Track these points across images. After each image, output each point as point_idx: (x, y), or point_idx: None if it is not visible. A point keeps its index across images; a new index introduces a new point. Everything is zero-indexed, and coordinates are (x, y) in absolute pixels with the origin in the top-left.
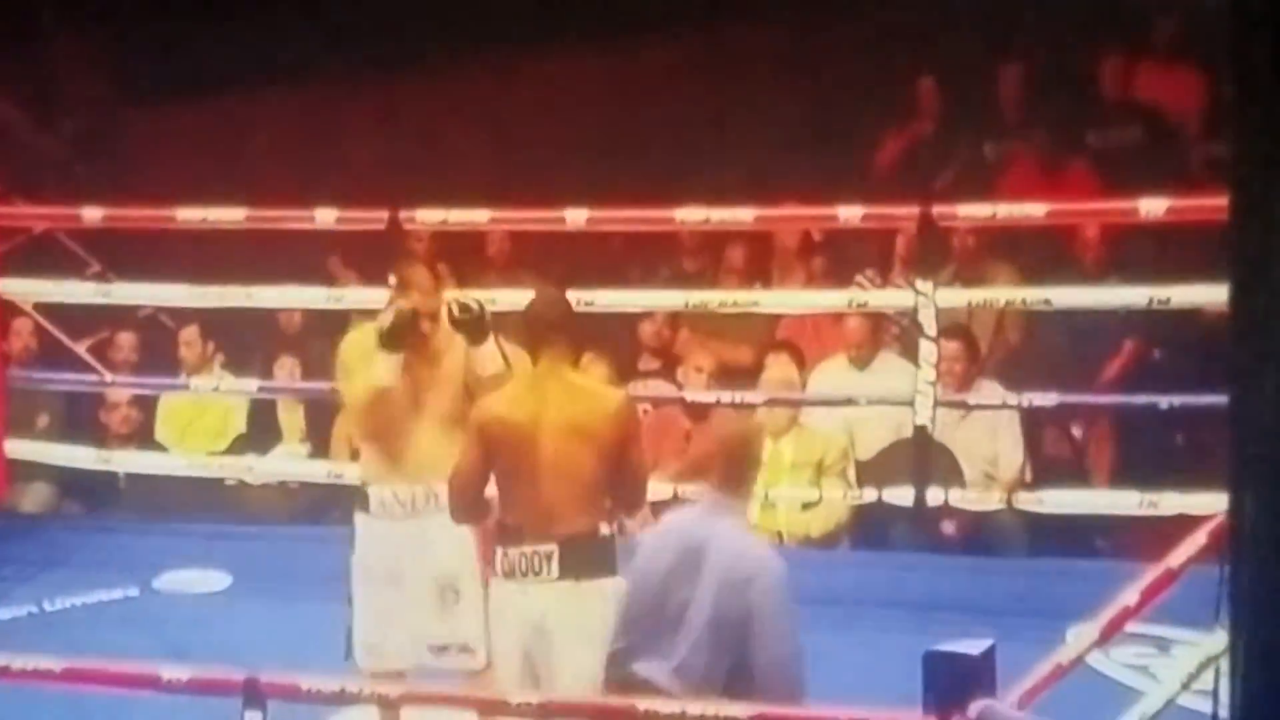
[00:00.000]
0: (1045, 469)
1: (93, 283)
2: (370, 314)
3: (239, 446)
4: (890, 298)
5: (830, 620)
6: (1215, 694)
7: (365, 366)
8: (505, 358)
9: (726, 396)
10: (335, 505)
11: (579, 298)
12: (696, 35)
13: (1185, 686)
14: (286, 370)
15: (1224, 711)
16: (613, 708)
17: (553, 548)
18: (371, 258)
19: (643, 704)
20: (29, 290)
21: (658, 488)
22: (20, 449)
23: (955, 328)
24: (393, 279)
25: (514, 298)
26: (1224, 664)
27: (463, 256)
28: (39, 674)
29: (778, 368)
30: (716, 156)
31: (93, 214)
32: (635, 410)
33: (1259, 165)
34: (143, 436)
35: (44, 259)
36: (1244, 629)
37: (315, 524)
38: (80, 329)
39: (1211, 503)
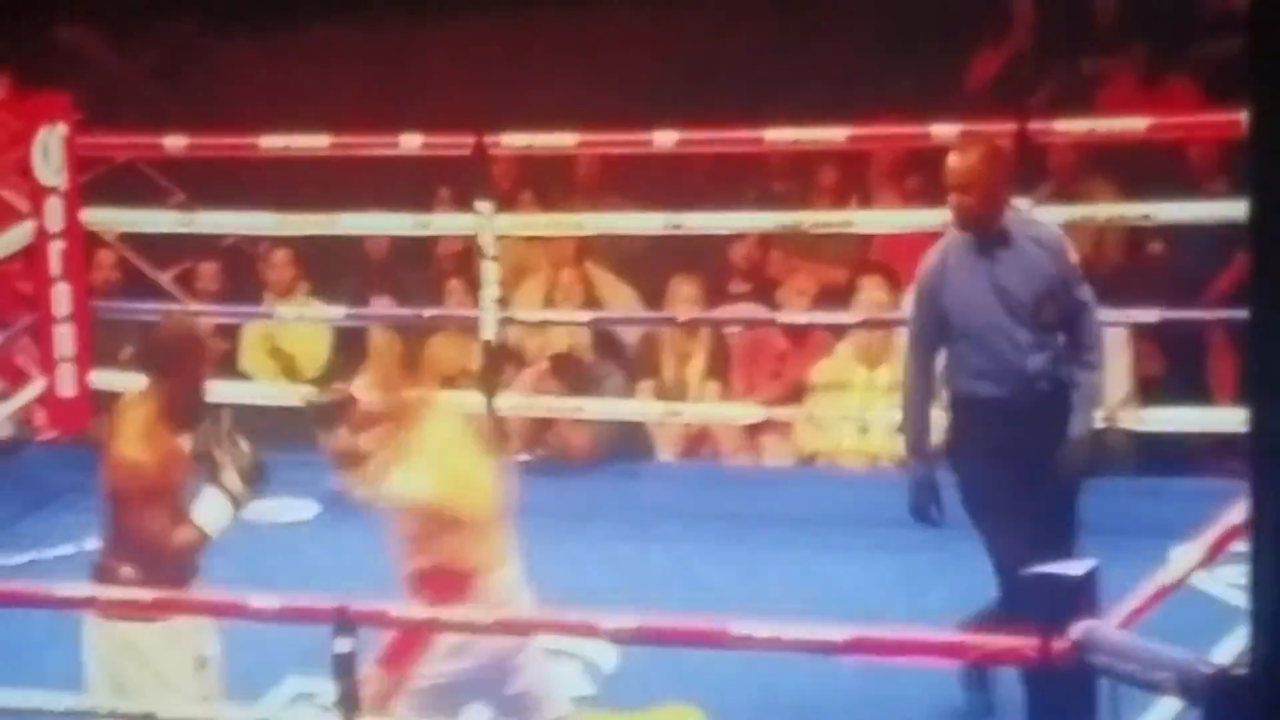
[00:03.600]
0: (1148, 387)
1: (176, 212)
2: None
3: (326, 375)
4: None
5: (929, 541)
6: None
7: None
8: None
9: (821, 318)
10: None
11: (668, 220)
12: None
13: None
14: (379, 302)
15: None
16: (706, 630)
17: None
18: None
19: (736, 628)
20: (112, 220)
21: (748, 411)
22: (105, 380)
23: None
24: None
25: (602, 222)
26: None
27: (549, 181)
28: (129, 605)
29: (872, 289)
30: (806, 76)
31: (175, 142)
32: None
33: None
34: (227, 366)
35: (126, 189)
36: None
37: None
38: (164, 259)
39: None
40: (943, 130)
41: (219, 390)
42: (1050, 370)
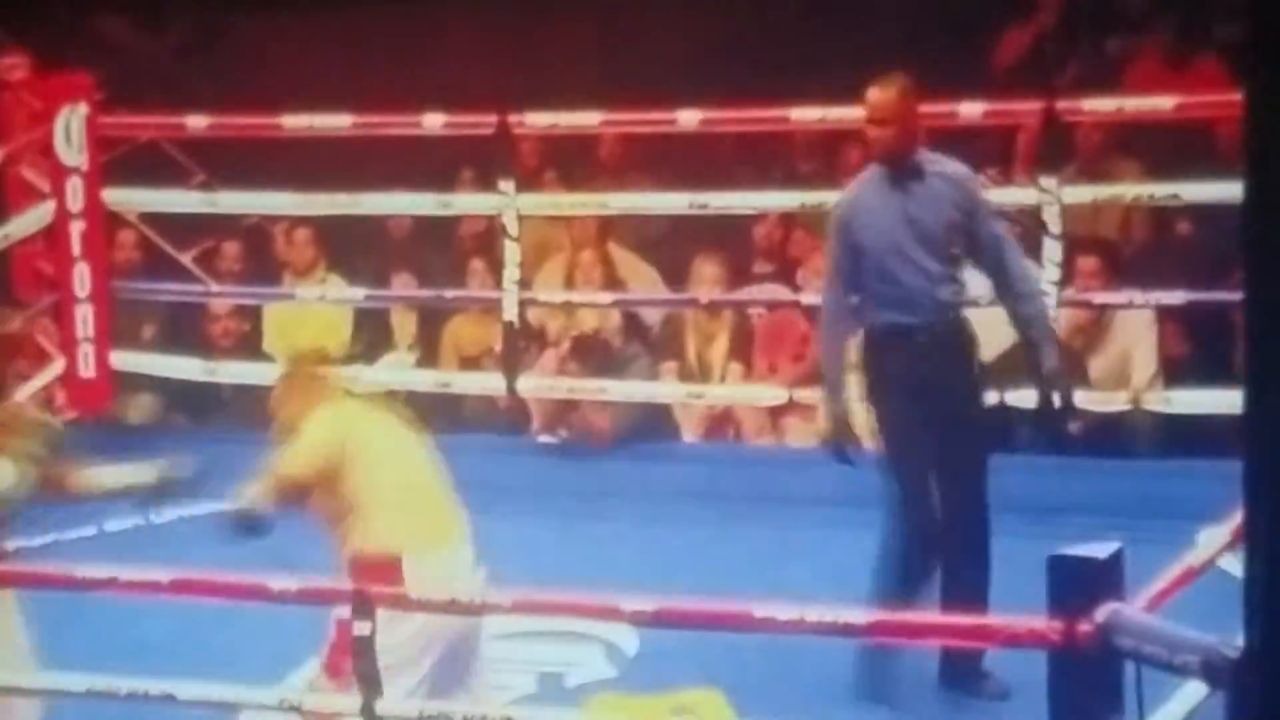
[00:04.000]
0: (1174, 368)
1: (197, 192)
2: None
3: (349, 356)
4: (1013, 195)
5: None
6: None
7: None
8: None
9: None
10: (441, 414)
11: (692, 200)
12: None
13: None
14: (398, 279)
15: None
16: (728, 613)
17: None
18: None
19: (759, 610)
20: (133, 200)
21: (772, 393)
22: (126, 361)
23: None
24: None
25: (626, 201)
26: None
27: (573, 160)
28: (147, 585)
29: None
30: (832, 54)
31: (197, 122)
32: None
33: None
34: (248, 347)
35: (148, 168)
36: None
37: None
38: (185, 239)
39: None
40: (970, 109)
41: (237, 373)
42: (958, 300)
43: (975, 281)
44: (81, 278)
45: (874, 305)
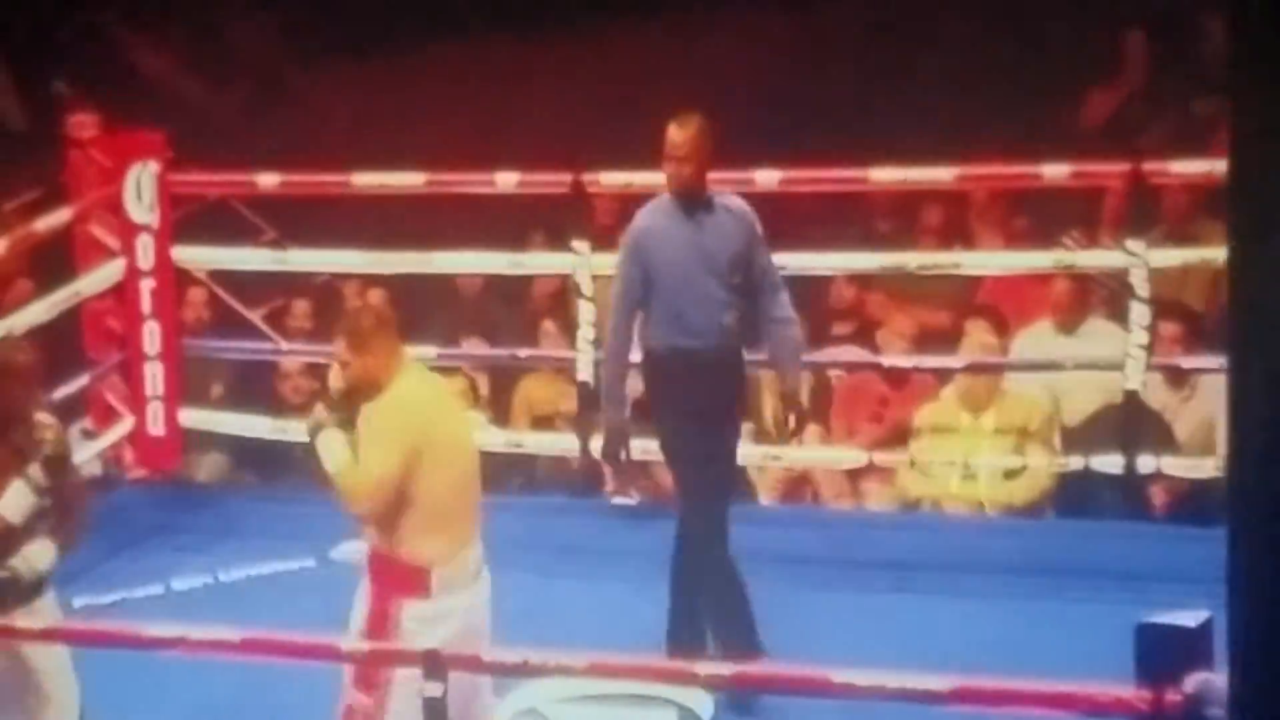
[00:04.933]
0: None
1: (268, 249)
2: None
3: None
4: (1099, 258)
5: (1035, 590)
6: None
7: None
8: None
9: (925, 362)
10: (515, 474)
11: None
12: None
13: None
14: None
15: None
16: (808, 678)
17: None
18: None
19: (838, 676)
20: (203, 258)
21: (851, 455)
22: (195, 419)
23: (1173, 306)
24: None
25: None
26: None
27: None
28: (216, 644)
29: (978, 332)
30: (912, 114)
31: (268, 180)
32: None
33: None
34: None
35: (218, 226)
36: None
37: (494, 493)
38: (255, 297)
39: None
40: (1054, 170)
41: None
42: (738, 328)
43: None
44: (151, 335)
45: (660, 328)
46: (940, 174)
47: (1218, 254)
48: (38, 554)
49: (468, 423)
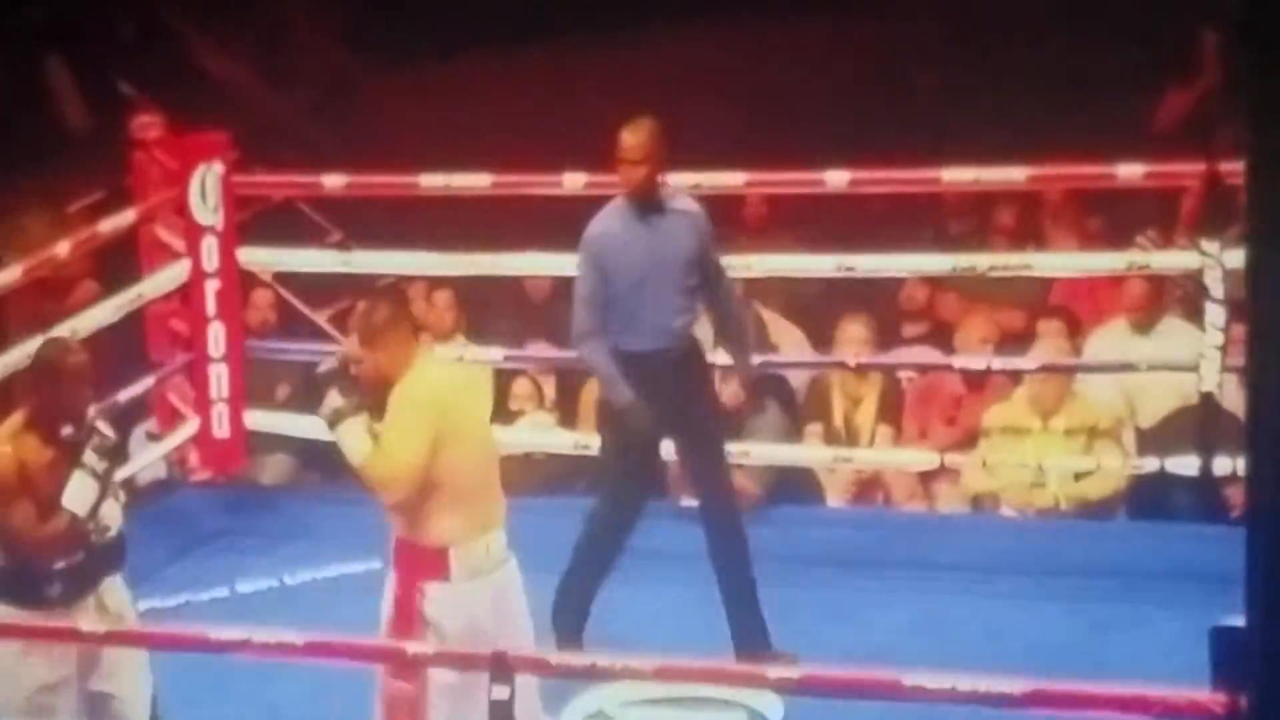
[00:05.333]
0: None
1: (333, 251)
2: None
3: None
4: (1174, 259)
5: (1108, 592)
6: None
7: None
8: None
9: (998, 363)
10: (581, 476)
11: (839, 262)
12: None
13: None
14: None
15: None
16: (877, 680)
17: None
18: None
19: (909, 679)
20: (268, 260)
21: (923, 457)
22: (260, 421)
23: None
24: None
25: (772, 264)
26: None
27: (715, 222)
28: (281, 648)
29: (1051, 334)
30: (984, 113)
31: (334, 181)
32: None
33: None
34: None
35: (283, 227)
36: None
37: (560, 495)
38: (320, 299)
39: None
40: (1129, 170)
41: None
42: (690, 329)
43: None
44: (216, 337)
45: (616, 330)
46: (1013, 174)
47: None
48: (108, 515)
49: (487, 408)
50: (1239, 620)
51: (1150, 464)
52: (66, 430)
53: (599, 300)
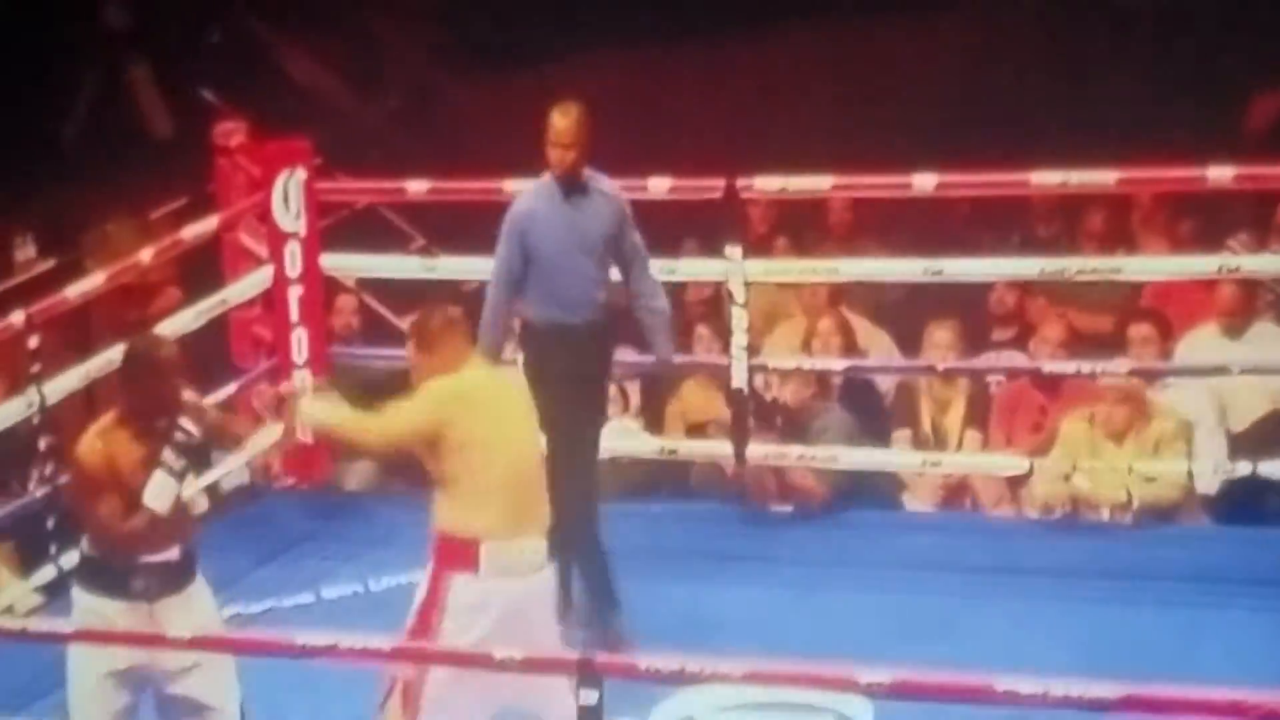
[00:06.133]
0: None
1: (417, 257)
2: None
3: None
4: (1266, 263)
5: (1199, 597)
6: None
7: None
8: None
9: (1087, 367)
10: (667, 481)
11: (927, 266)
12: None
13: None
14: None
15: None
16: (969, 685)
17: None
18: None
19: (1001, 684)
20: (352, 265)
21: (1012, 462)
22: None
23: None
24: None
25: (859, 268)
26: None
27: (801, 225)
28: (367, 653)
29: (1142, 338)
30: (1073, 117)
31: (418, 187)
32: None
33: None
34: None
35: (366, 233)
36: None
37: (649, 500)
38: (404, 304)
39: None
40: (1219, 173)
41: None
42: (607, 302)
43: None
44: (299, 343)
45: (538, 303)
46: (1103, 177)
47: None
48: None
49: (524, 415)
50: None
51: (1242, 468)
52: (159, 424)
53: (513, 278)
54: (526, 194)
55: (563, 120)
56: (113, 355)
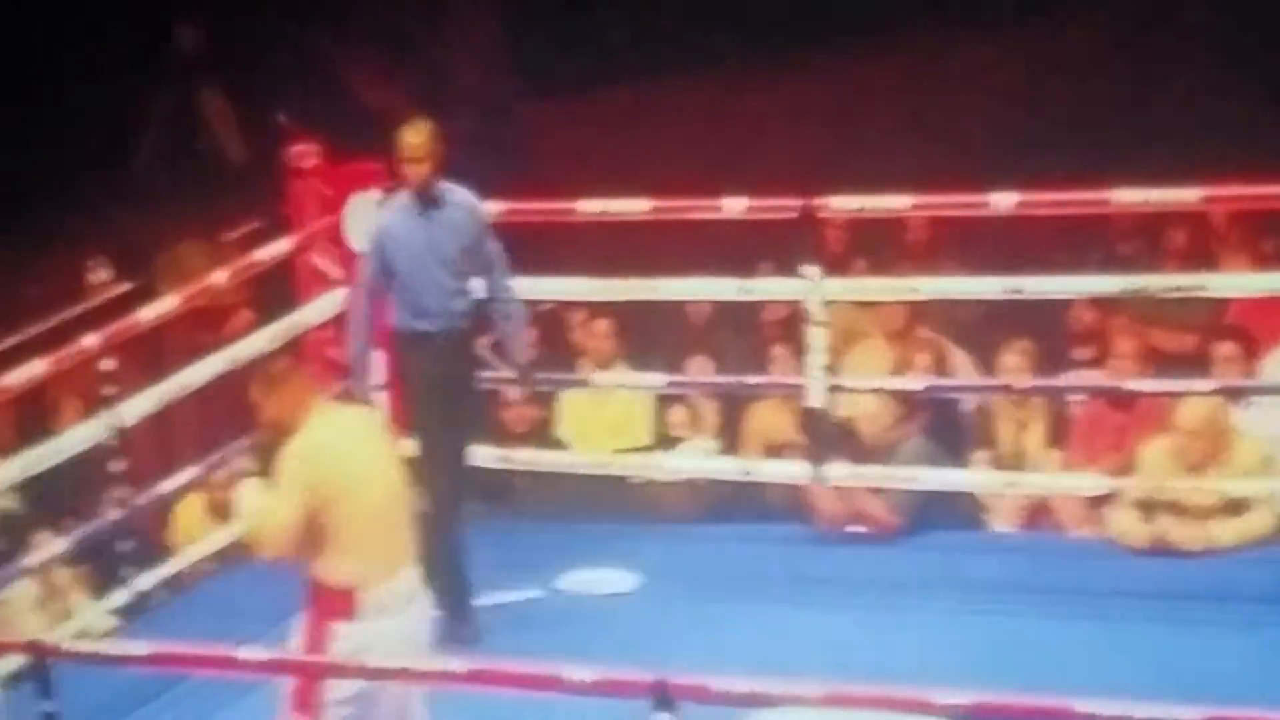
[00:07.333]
0: None
1: None
2: None
3: (650, 444)
4: None
5: None
6: None
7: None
8: None
9: (1170, 386)
10: (745, 502)
11: (1006, 284)
12: (1128, 6)
13: None
14: (697, 366)
15: None
16: (1049, 708)
17: None
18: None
19: (1082, 706)
20: None
21: (1092, 482)
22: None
23: None
24: None
25: (938, 286)
26: None
27: (879, 245)
28: (444, 675)
29: (1226, 356)
30: (1152, 134)
31: (491, 208)
32: None
33: None
34: (542, 434)
35: None
36: None
37: (725, 522)
38: (479, 325)
39: None
40: None
41: (533, 460)
42: (467, 311)
43: None
44: (373, 365)
45: (402, 313)
46: (1185, 195)
47: None
48: None
49: (384, 454)
50: None
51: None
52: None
53: (374, 288)
54: (386, 208)
55: (414, 137)
56: (187, 378)
